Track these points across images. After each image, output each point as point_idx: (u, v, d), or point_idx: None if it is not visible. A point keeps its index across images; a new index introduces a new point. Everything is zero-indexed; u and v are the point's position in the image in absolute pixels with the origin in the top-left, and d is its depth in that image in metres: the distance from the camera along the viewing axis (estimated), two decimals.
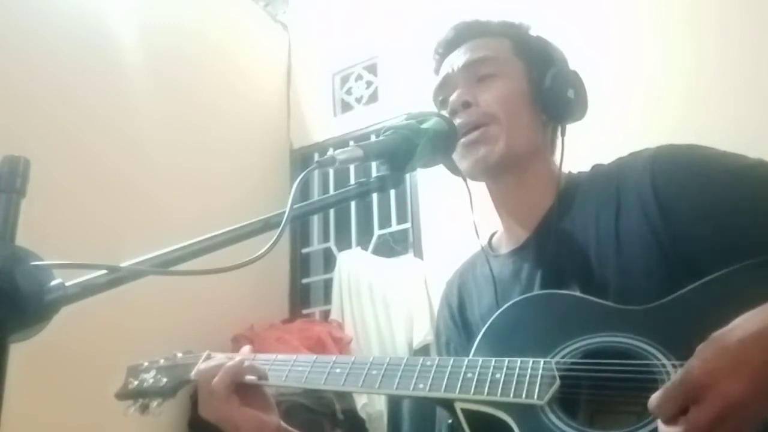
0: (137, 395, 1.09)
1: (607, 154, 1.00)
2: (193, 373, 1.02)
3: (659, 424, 0.61)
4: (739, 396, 0.57)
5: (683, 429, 0.59)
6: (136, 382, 1.10)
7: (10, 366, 0.44)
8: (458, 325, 1.06)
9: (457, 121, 0.94)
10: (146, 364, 1.12)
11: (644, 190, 0.86)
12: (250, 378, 0.97)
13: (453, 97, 0.99)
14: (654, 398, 0.61)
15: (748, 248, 0.74)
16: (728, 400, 0.57)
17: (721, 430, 0.57)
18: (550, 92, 0.97)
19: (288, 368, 0.96)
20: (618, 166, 0.95)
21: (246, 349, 1.05)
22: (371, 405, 2.62)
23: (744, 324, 0.61)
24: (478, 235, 1.08)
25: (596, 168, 1.01)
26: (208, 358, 1.04)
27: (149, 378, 1.08)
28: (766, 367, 0.58)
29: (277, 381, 0.96)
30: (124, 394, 1.10)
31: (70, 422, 2.13)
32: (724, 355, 0.59)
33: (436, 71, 1.07)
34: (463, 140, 0.95)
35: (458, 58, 1.02)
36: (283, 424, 1.00)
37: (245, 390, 0.97)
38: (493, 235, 1.11)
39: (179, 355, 1.11)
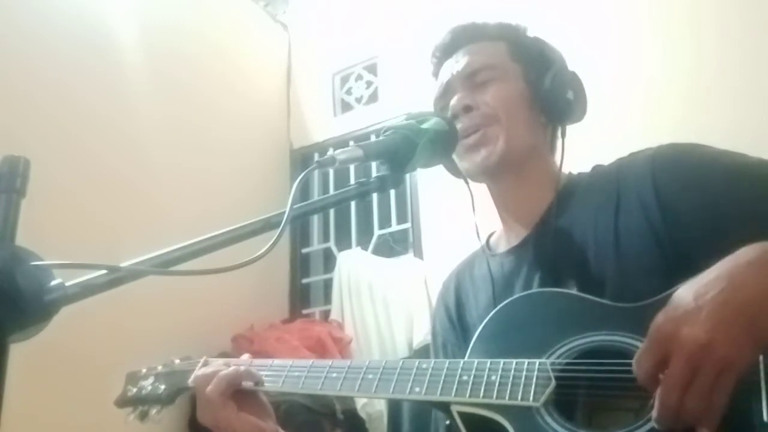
0: (136, 402, 1.09)
1: (607, 155, 1.00)
2: (190, 381, 1.02)
3: (657, 393, 0.61)
4: (702, 337, 0.57)
5: (667, 387, 0.59)
6: (134, 390, 1.10)
7: (10, 366, 0.44)
8: (455, 325, 1.06)
9: (458, 125, 0.94)
10: (144, 370, 1.12)
11: (644, 189, 0.86)
12: (246, 384, 0.97)
13: (453, 102, 0.99)
14: (633, 360, 0.62)
15: None
16: (692, 342, 0.57)
17: (701, 378, 0.57)
18: (549, 94, 0.98)
19: (284, 374, 0.96)
20: (618, 166, 0.96)
21: (245, 356, 1.05)
22: (371, 405, 2.62)
23: (702, 277, 0.63)
24: (479, 237, 1.09)
25: (596, 168, 1.01)
26: (206, 364, 1.04)
27: (147, 385, 1.08)
28: (725, 307, 0.58)
29: (274, 387, 0.96)
30: (124, 402, 1.10)
31: (70, 422, 2.13)
32: (682, 304, 0.61)
33: (434, 75, 1.08)
34: (463, 143, 0.95)
35: (456, 65, 1.03)
36: (280, 430, 1.00)
37: (242, 396, 0.98)
38: (491, 235, 1.11)
39: (177, 361, 1.11)
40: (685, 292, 0.62)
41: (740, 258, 0.63)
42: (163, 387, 1.07)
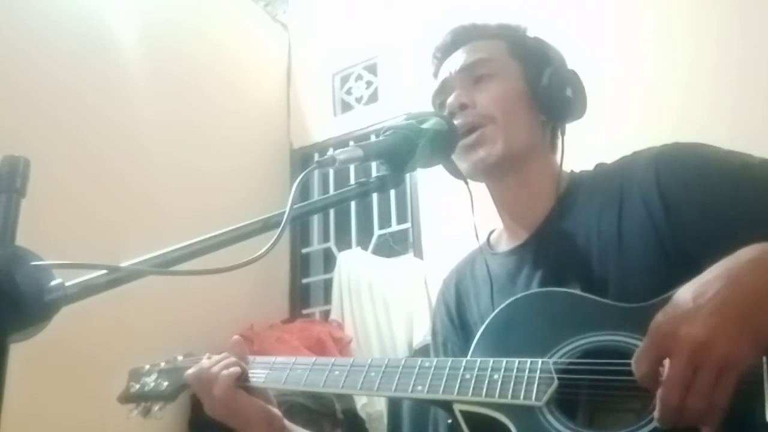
0: (139, 399, 1.09)
1: (607, 155, 1.00)
2: (183, 377, 1.02)
3: (659, 393, 0.61)
4: (702, 336, 0.57)
5: (668, 387, 0.59)
6: (137, 386, 1.10)
7: (10, 366, 0.44)
8: (455, 324, 1.06)
9: (455, 122, 0.94)
10: (147, 367, 1.12)
11: (648, 188, 0.86)
12: (256, 380, 0.98)
13: (450, 99, 0.99)
14: (632, 360, 0.63)
15: None
16: (692, 341, 0.57)
17: (701, 377, 0.57)
18: (547, 92, 0.97)
19: (287, 370, 0.96)
20: (621, 165, 0.95)
21: (234, 339, 1.06)
22: (371, 405, 2.62)
23: (701, 277, 0.63)
24: (478, 237, 1.09)
25: (599, 167, 1.01)
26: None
27: (150, 382, 1.09)
28: (724, 306, 0.58)
29: (276, 384, 0.97)
30: (126, 398, 1.10)
31: (71, 422, 2.13)
32: (682, 303, 0.61)
33: (435, 75, 1.08)
34: (461, 143, 0.95)
35: (455, 62, 1.03)
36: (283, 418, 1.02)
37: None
38: (491, 232, 1.11)
39: (180, 358, 1.11)
40: (685, 292, 0.62)
41: (740, 257, 0.63)
42: (166, 383, 1.07)
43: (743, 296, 0.59)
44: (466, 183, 1.06)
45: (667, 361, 0.61)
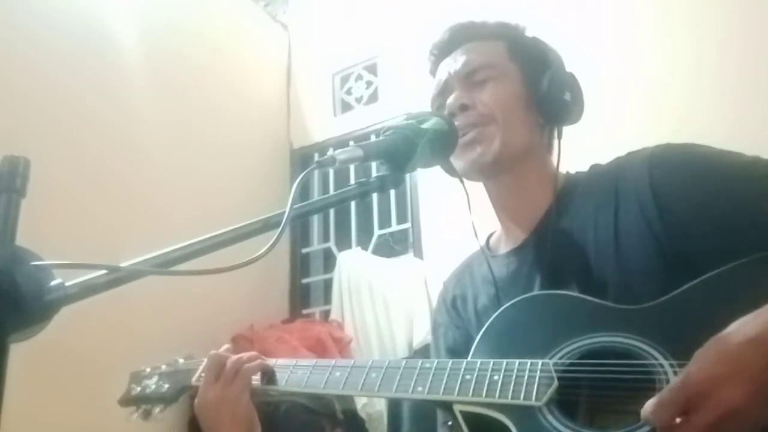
0: (140, 401, 1.09)
1: (607, 155, 1.00)
2: (228, 362, 1.02)
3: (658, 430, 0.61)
4: (738, 402, 0.57)
5: None
6: (138, 389, 1.10)
7: (10, 366, 0.44)
8: (454, 320, 1.07)
9: (455, 123, 0.94)
10: (148, 370, 1.13)
11: (642, 189, 0.86)
12: (256, 382, 0.99)
13: (450, 100, 0.99)
14: (649, 405, 0.61)
15: (746, 246, 0.75)
16: (727, 406, 0.57)
17: None
18: (546, 95, 0.97)
19: (288, 372, 0.96)
20: (616, 165, 0.96)
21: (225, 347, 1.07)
22: (371, 405, 2.62)
23: (743, 328, 0.61)
24: (477, 236, 1.09)
25: (594, 168, 1.01)
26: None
27: (151, 384, 1.09)
28: (765, 373, 0.58)
29: (277, 386, 0.97)
30: (127, 401, 1.11)
31: (70, 422, 2.13)
32: (722, 360, 0.60)
33: (432, 73, 1.08)
34: (459, 140, 0.95)
35: (454, 64, 1.02)
36: None
37: None
38: (491, 235, 1.11)
39: (180, 360, 1.12)
40: (724, 349, 0.61)
41: None
42: (167, 386, 1.07)
43: None
44: (462, 182, 1.06)
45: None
